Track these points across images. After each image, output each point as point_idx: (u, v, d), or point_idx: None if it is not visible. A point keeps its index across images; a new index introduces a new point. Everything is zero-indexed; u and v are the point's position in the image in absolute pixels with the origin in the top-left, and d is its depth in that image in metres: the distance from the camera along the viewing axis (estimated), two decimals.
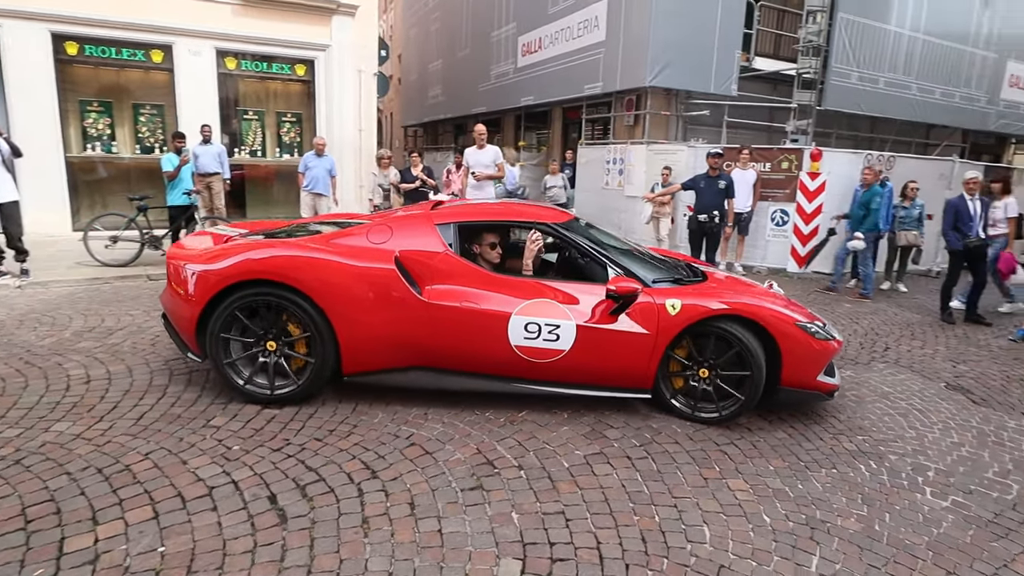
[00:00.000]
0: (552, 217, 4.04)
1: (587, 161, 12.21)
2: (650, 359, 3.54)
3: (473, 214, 4.03)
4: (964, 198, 6.67)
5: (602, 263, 3.74)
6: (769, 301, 3.70)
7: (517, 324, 3.46)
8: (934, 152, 14.96)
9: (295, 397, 3.54)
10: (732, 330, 3.51)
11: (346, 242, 3.66)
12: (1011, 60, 15.30)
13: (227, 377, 3.51)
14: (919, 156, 12.69)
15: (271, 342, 3.52)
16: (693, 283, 3.91)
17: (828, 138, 13.14)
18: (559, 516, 2.66)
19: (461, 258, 3.68)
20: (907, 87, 13.55)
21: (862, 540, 2.65)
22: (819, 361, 3.68)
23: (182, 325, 3.57)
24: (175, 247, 3.96)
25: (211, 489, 2.69)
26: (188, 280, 3.46)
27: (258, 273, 3.38)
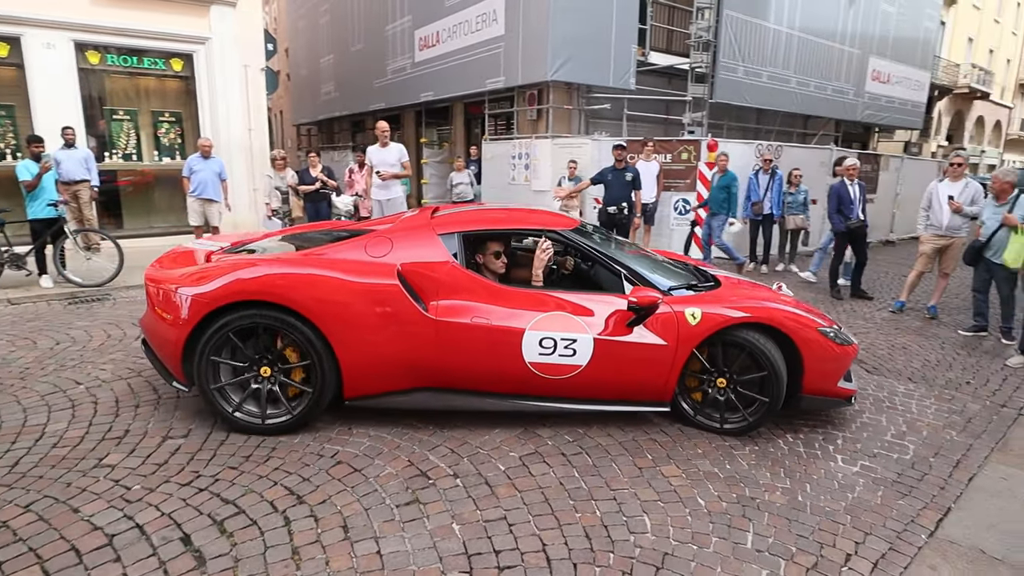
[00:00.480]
0: (561, 223, 3.85)
1: (492, 156, 12.24)
2: (670, 371, 3.40)
3: (478, 222, 3.79)
4: (845, 183, 7.31)
5: (616, 271, 3.58)
6: (790, 307, 3.60)
7: (531, 340, 3.30)
8: (812, 141, 16.37)
9: (290, 426, 3.30)
10: (752, 339, 3.39)
11: (343, 256, 3.43)
12: (872, 56, 17.00)
13: (216, 405, 3.26)
14: (801, 145, 13.83)
15: (265, 368, 3.27)
16: (708, 289, 3.77)
17: (721, 129, 14.00)
18: (501, 522, 2.63)
19: (468, 270, 3.49)
20: (787, 80, 14.69)
21: (788, 512, 2.82)
22: (840, 367, 3.59)
23: (165, 352, 3.30)
24: (154, 266, 3.60)
25: (111, 537, 2.42)
26: (171, 303, 3.21)
27: (250, 294, 3.14)
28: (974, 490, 3.11)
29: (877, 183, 12.68)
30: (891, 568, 2.47)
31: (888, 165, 13.32)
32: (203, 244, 4.22)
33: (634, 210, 8.07)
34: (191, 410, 3.60)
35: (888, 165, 13.32)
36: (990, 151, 33.85)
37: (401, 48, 15.56)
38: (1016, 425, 3.93)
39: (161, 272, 3.46)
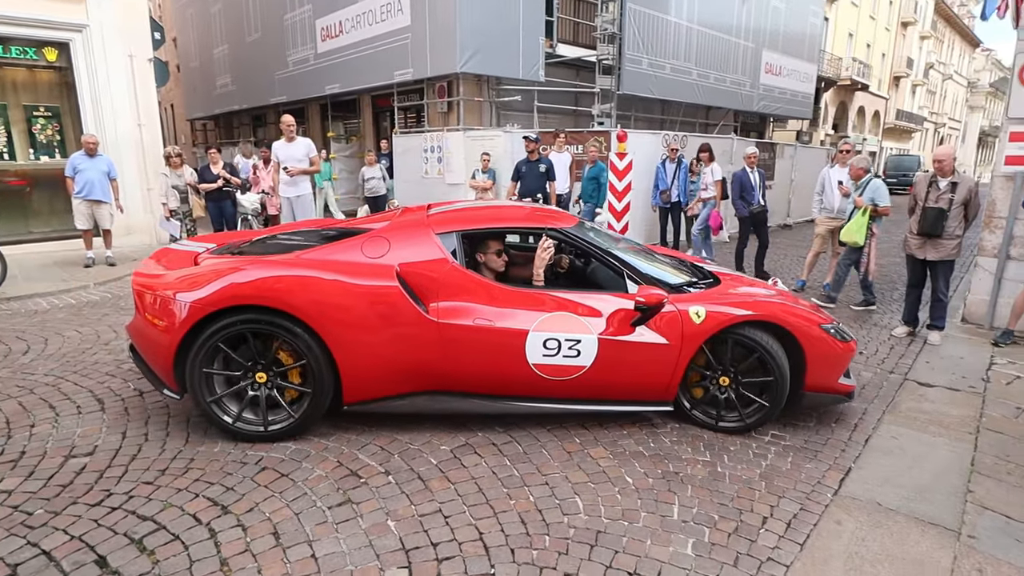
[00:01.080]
0: (561, 221, 3.78)
1: (404, 150, 12.10)
2: (674, 371, 3.39)
3: (476, 220, 3.74)
4: (746, 171, 7.82)
5: (619, 270, 3.54)
6: (791, 303, 3.64)
7: (535, 341, 3.26)
8: (714, 131, 17.30)
9: (292, 431, 3.23)
10: (755, 336, 3.40)
11: (339, 257, 3.32)
12: (765, 49, 18.20)
13: (212, 416, 3.17)
14: (704, 134, 14.60)
15: (261, 374, 3.17)
16: (709, 286, 3.76)
17: (629, 120, 14.53)
18: (437, 515, 2.67)
19: (468, 270, 3.43)
20: (688, 73, 15.46)
21: (710, 483, 3.03)
22: (841, 364, 3.61)
23: (156, 359, 3.18)
24: (141, 271, 3.47)
25: (14, 567, 2.25)
26: (161, 308, 3.10)
27: (245, 298, 3.03)
28: (870, 450, 3.45)
29: (774, 170, 13.62)
30: (802, 527, 2.71)
31: (783, 153, 14.32)
32: (189, 245, 4.05)
33: (549, 201, 8.26)
34: (96, 425, 3.38)
35: (783, 153, 14.32)
36: (871, 139, 37.13)
37: (302, 38, 15.02)
38: (902, 389, 4.39)
39: (150, 276, 3.33)
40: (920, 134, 44.93)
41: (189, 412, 3.59)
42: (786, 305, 3.57)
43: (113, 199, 7.89)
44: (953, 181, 5.37)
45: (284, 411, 3.22)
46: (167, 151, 8.58)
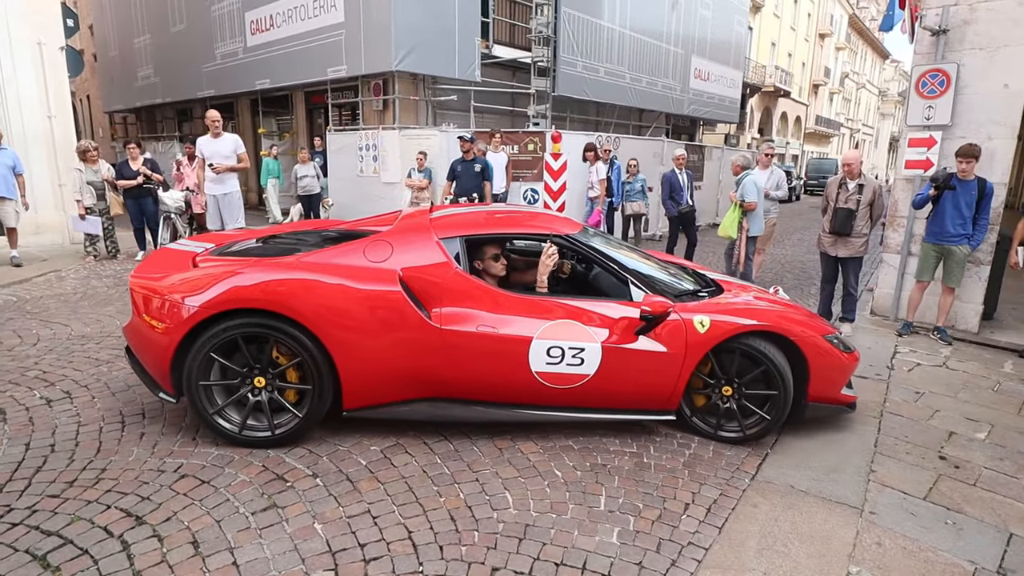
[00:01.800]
0: (565, 227, 3.71)
1: (339, 148, 11.85)
2: (677, 380, 3.34)
3: (480, 225, 3.66)
4: (675, 172, 8.09)
5: (623, 277, 3.48)
6: (794, 313, 3.64)
7: (539, 348, 3.20)
8: (646, 133, 17.79)
9: (298, 433, 3.19)
10: (759, 347, 3.35)
11: (341, 261, 3.24)
12: (694, 55, 18.84)
13: (215, 426, 3.12)
14: (637, 137, 15.00)
15: (259, 378, 3.11)
16: (712, 295, 3.71)
17: (564, 121, 14.74)
18: (365, 516, 2.64)
19: (472, 276, 3.36)
20: (622, 76, 15.83)
21: (636, 473, 3.13)
22: (844, 375, 3.62)
23: (153, 362, 3.11)
24: (139, 272, 3.35)
25: None
26: (160, 310, 3.02)
27: (248, 302, 2.96)
28: (786, 436, 3.63)
29: (703, 172, 14.14)
30: (721, 511, 2.83)
31: (712, 155, 14.89)
32: (187, 245, 3.91)
33: (485, 201, 8.28)
34: None
35: (712, 155, 14.89)
36: (793, 143, 39.08)
37: (230, 31, 14.47)
38: None
39: (148, 278, 3.22)
40: (838, 139, 47.65)
41: (101, 420, 3.40)
42: (790, 315, 3.56)
43: (19, 196, 7.37)
44: (860, 183, 5.74)
45: (288, 413, 3.16)
46: (82, 145, 8.09)
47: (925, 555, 2.57)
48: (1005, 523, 2.82)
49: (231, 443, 3.16)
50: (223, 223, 7.22)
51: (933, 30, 5.81)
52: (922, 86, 5.89)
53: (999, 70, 5.59)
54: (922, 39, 5.95)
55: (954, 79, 5.72)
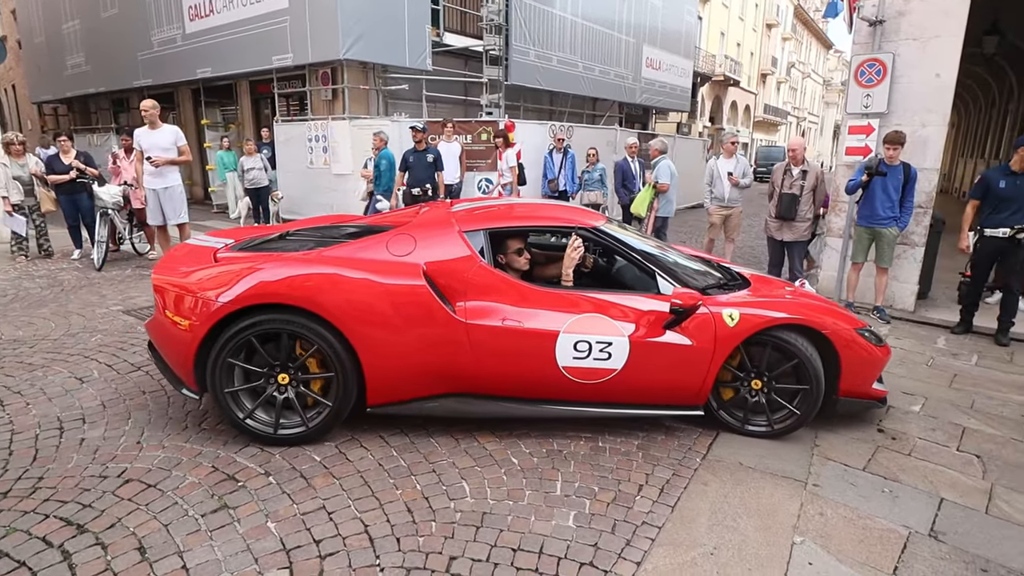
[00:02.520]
0: (591, 219, 3.64)
1: (287, 139, 11.59)
2: (706, 374, 3.29)
3: (503, 218, 3.61)
4: (627, 160, 8.21)
5: (650, 271, 3.42)
6: (823, 306, 3.58)
7: (565, 343, 3.17)
8: (600, 122, 17.96)
9: (304, 440, 3.16)
10: (791, 340, 3.31)
11: (365, 255, 3.22)
12: (646, 45, 19.08)
13: (225, 408, 3.10)
14: (591, 126, 15.13)
15: (283, 375, 3.10)
16: (738, 288, 3.67)
17: (517, 110, 14.76)
18: (320, 512, 2.62)
19: (497, 270, 3.33)
20: (575, 65, 15.91)
21: (591, 458, 3.19)
22: (876, 369, 3.56)
23: (176, 357, 3.11)
24: (160, 268, 3.32)
25: None
26: (185, 306, 3.01)
27: (274, 296, 2.96)
28: None
29: None
30: (674, 490, 2.92)
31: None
32: (208, 241, 3.85)
33: (438, 191, 8.23)
34: None
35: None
36: (743, 131, 40.09)
37: (167, 17, 13.91)
38: None
39: (170, 273, 3.21)
40: (785, 127, 49.09)
41: (36, 427, 3.27)
42: (820, 308, 3.52)
43: None
44: (804, 169, 5.95)
45: (299, 417, 3.15)
46: (6, 138, 7.67)
47: (864, 522, 2.72)
48: (936, 489, 3.01)
49: (267, 444, 3.14)
50: (165, 219, 6.98)
51: (870, 21, 6.05)
52: (860, 75, 6.13)
53: (931, 60, 5.87)
54: (860, 29, 6.19)
55: (890, 68, 5.97)
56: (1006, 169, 5.24)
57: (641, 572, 2.35)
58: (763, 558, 2.47)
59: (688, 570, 2.38)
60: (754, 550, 2.51)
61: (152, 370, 4.11)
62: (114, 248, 8.40)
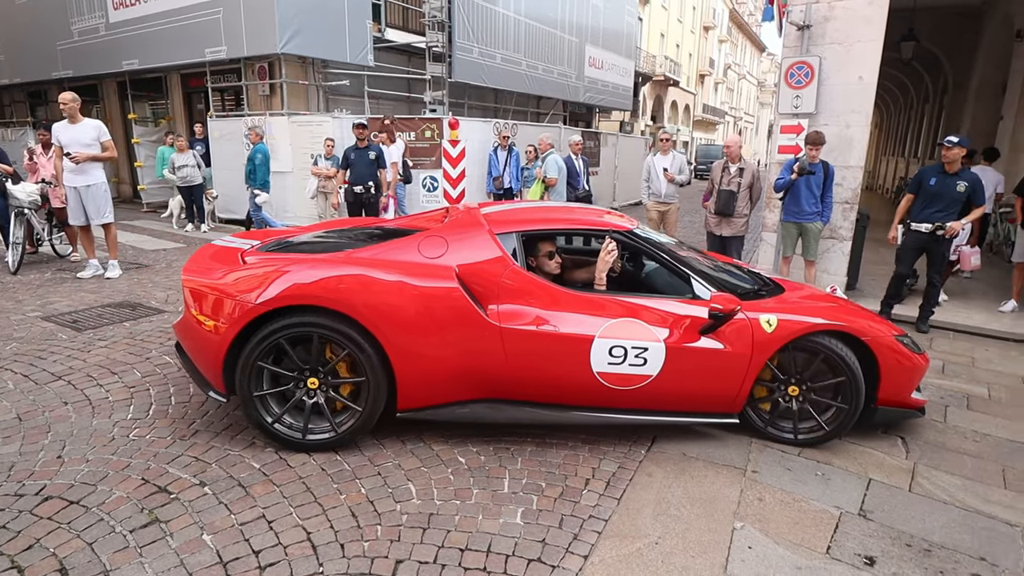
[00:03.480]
0: (623, 223, 3.60)
1: (222, 135, 11.14)
2: (743, 381, 3.22)
3: (536, 220, 3.56)
4: (571, 158, 8.29)
5: (684, 275, 3.36)
6: (861, 312, 3.55)
7: (600, 348, 3.10)
8: (544, 120, 18.08)
9: (333, 444, 3.11)
10: (831, 346, 3.24)
11: (396, 257, 3.18)
12: (588, 44, 19.32)
13: (252, 412, 3.06)
14: (535, 123, 15.21)
15: (312, 379, 3.05)
16: (773, 294, 3.60)
17: (462, 108, 14.68)
18: (259, 521, 2.53)
19: (530, 273, 3.27)
20: (518, 63, 15.95)
21: (539, 455, 3.21)
22: (916, 377, 3.46)
23: (205, 359, 3.06)
24: (190, 269, 3.27)
25: None
26: (214, 307, 2.98)
27: (308, 298, 2.92)
28: None
29: (599, 157, 14.60)
30: (620, 483, 2.97)
31: (607, 141, 15.40)
32: (234, 242, 3.79)
33: (381, 189, 8.11)
34: None
35: (607, 141, 15.40)
36: (684, 129, 41.20)
37: (88, 5, 13.16)
38: None
39: (200, 274, 3.17)
40: (723, 126, 50.74)
41: None
42: (859, 314, 3.48)
43: None
44: (741, 167, 6.15)
45: (327, 423, 3.10)
46: None
47: (799, 505, 2.83)
48: (865, 470, 3.16)
49: (294, 449, 3.08)
50: (87, 217, 6.60)
51: (798, 25, 6.31)
52: (790, 77, 6.38)
53: (855, 63, 6.17)
54: (789, 33, 6.45)
55: (817, 71, 6.24)
56: (940, 168, 5.43)
57: (588, 565, 2.37)
58: (705, 544, 2.54)
59: (634, 560, 2.42)
60: (697, 537, 2.58)
61: (75, 379, 3.88)
62: (31, 250, 7.89)
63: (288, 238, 3.87)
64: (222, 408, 3.52)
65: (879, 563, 2.47)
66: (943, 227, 5.33)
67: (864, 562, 2.47)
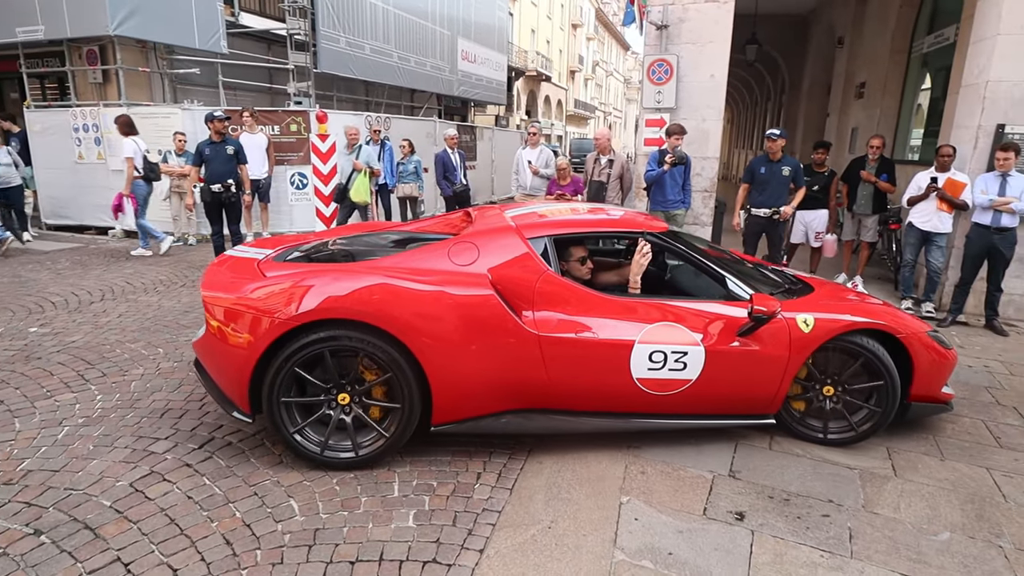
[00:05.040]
0: (655, 225, 3.56)
1: (44, 128, 9.85)
2: (781, 382, 3.21)
3: (566, 224, 3.44)
4: (447, 152, 8.25)
5: (719, 276, 3.32)
6: (892, 309, 3.54)
7: (640, 353, 3.05)
8: (419, 113, 17.88)
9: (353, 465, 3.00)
10: (867, 345, 3.26)
11: (427, 265, 3.10)
12: (460, 38, 19.33)
13: (294, 445, 2.96)
14: (409, 117, 14.99)
15: (343, 395, 2.96)
16: (804, 292, 3.60)
17: (330, 100, 14.14)
18: (113, 566, 2.27)
19: (565, 278, 3.20)
20: (389, 55, 15.62)
21: (428, 453, 3.16)
22: (946, 372, 3.51)
23: (230, 378, 2.94)
24: (209, 284, 3.12)
25: None
26: (240, 323, 2.87)
27: (342, 312, 2.82)
28: None
29: (476, 152, 14.68)
30: (511, 473, 3.01)
31: (483, 136, 15.51)
32: (247, 252, 3.61)
33: (243, 187, 7.58)
34: None
35: (483, 136, 15.51)
36: (557, 124, 42.52)
37: None
38: None
39: (222, 289, 3.03)
40: (594, 120, 53.01)
41: None
42: (892, 311, 3.50)
43: None
44: (611, 158, 6.45)
45: (374, 431, 3.01)
46: None
47: (678, 473, 3.05)
48: (731, 436, 3.44)
49: (312, 465, 2.97)
50: None
51: (657, 25, 6.71)
52: (652, 73, 6.78)
53: (707, 62, 6.68)
54: (650, 32, 6.85)
55: (676, 68, 6.68)
56: (766, 158, 6.18)
57: (484, 559, 2.38)
58: (595, 522, 2.64)
59: (529, 547, 2.46)
60: (587, 516, 2.68)
61: None
62: None
63: (301, 246, 3.73)
64: (58, 442, 3.13)
65: (748, 516, 2.73)
66: (778, 212, 6.06)
67: (735, 517, 2.72)
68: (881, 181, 6.58)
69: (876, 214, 6.82)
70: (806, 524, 2.68)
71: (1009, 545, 2.61)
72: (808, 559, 2.46)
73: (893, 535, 2.64)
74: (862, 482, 3.04)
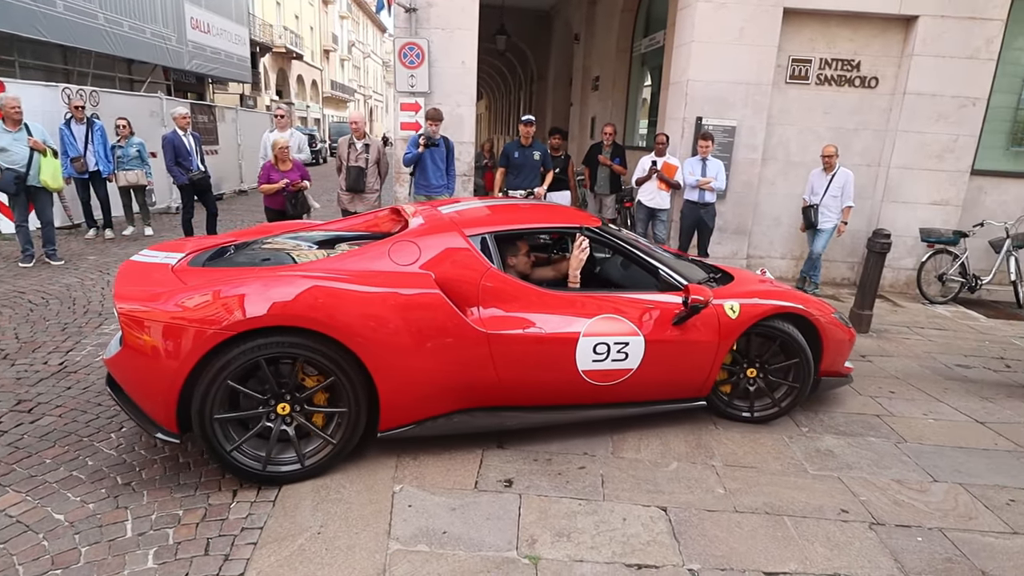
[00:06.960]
0: (590, 220, 3.68)
1: None
2: (712, 366, 3.46)
3: (505, 220, 3.55)
4: (178, 133, 7.31)
5: (652, 268, 3.52)
6: (802, 295, 3.84)
7: (585, 346, 3.15)
8: (140, 88, 15.61)
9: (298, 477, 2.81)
10: (784, 328, 3.56)
11: (368, 266, 3.00)
12: (188, 3, 17.22)
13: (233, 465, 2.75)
14: (127, 92, 12.96)
15: (283, 404, 2.78)
16: (727, 282, 3.82)
17: (12, 67, 11.65)
18: None
19: (508, 275, 3.23)
20: (93, 16, 13.30)
21: (171, 479, 2.82)
22: (848, 349, 3.96)
23: (154, 396, 2.67)
24: (123, 294, 2.79)
25: None
26: (164, 336, 2.60)
27: (289, 319, 2.66)
28: None
29: (217, 134, 13.28)
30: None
31: (225, 116, 14.07)
32: (155, 256, 3.33)
33: None
34: None
35: (225, 116, 14.07)
36: (314, 106, 40.46)
37: None
38: None
39: (139, 300, 2.71)
40: (354, 103, 51.58)
41: None
42: (802, 295, 3.84)
43: None
44: (367, 143, 6.32)
45: (319, 439, 2.88)
46: None
47: (449, 454, 3.16)
48: None
49: (255, 482, 2.77)
50: None
51: (406, 7, 6.72)
52: (404, 57, 6.78)
53: (457, 49, 6.88)
54: (399, 14, 6.83)
55: (427, 52, 6.77)
56: (519, 143, 6.69)
57: None
58: (368, 517, 2.60)
59: (296, 558, 2.33)
60: (359, 512, 2.63)
61: None
62: None
63: (216, 247, 3.54)
64: None
65: (516, 482, 2.94)
66: (532, 192, 6.65)
67: (504, 485, 2.90)
68: (615, 164, 7.56)
69: (613, 193, 7.82)
70: (566, 479, 2.97)
71: (720, 463, 3.21)
72: (568, 509, 2.73)
73: (636, 473, 3.06)
74: (611, 432, 3.46)
